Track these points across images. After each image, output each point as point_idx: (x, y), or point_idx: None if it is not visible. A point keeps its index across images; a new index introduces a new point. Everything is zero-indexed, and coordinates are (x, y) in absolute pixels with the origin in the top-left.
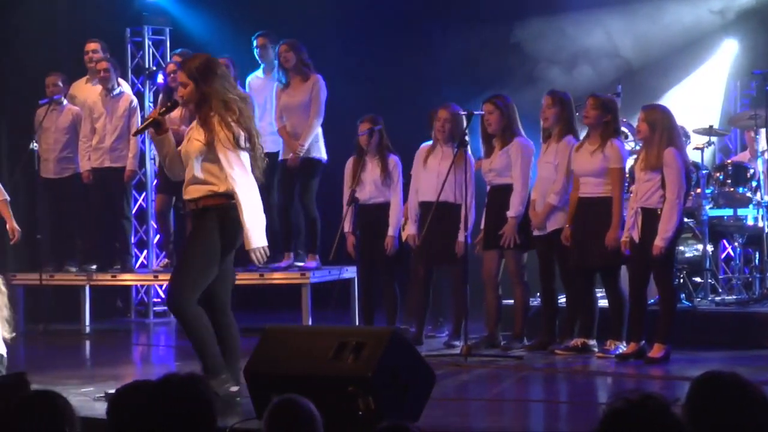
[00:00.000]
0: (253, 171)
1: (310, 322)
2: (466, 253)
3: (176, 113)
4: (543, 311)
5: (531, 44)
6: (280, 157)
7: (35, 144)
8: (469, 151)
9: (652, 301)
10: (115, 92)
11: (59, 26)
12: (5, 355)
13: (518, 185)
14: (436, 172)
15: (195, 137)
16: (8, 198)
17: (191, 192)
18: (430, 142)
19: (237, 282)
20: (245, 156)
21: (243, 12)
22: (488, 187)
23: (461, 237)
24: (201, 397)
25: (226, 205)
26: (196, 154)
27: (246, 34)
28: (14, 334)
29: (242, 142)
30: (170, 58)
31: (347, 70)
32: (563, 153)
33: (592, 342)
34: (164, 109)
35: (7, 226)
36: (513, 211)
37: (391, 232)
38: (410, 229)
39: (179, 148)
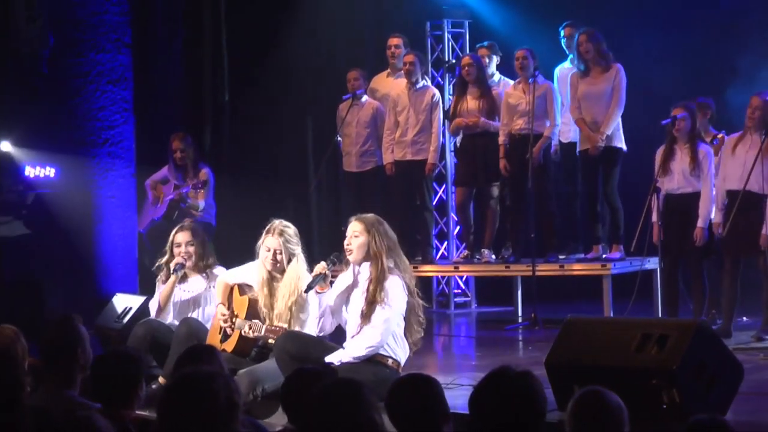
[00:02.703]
0: None
1: (611, 314)
2: None
3: (473, 105)
4: None
5: None
6: (578, 147)
7: (339, 138)
8: None
9: None
10: (419, 86)
11: (360, 22)
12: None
13: None
14: (743, 160)
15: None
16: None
17: None
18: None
19: (538, 273)
20: None
21: (543, 2)
22: None
23: (766, 230)
24: (533, 390)
25: None
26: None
27: (546, 24)
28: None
29: None
30: (469, 51)
31: (653, 55)
32: None
33: None
34: (330, 263)
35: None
36: None
37: (701, 223)
38: (717, 217)
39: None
